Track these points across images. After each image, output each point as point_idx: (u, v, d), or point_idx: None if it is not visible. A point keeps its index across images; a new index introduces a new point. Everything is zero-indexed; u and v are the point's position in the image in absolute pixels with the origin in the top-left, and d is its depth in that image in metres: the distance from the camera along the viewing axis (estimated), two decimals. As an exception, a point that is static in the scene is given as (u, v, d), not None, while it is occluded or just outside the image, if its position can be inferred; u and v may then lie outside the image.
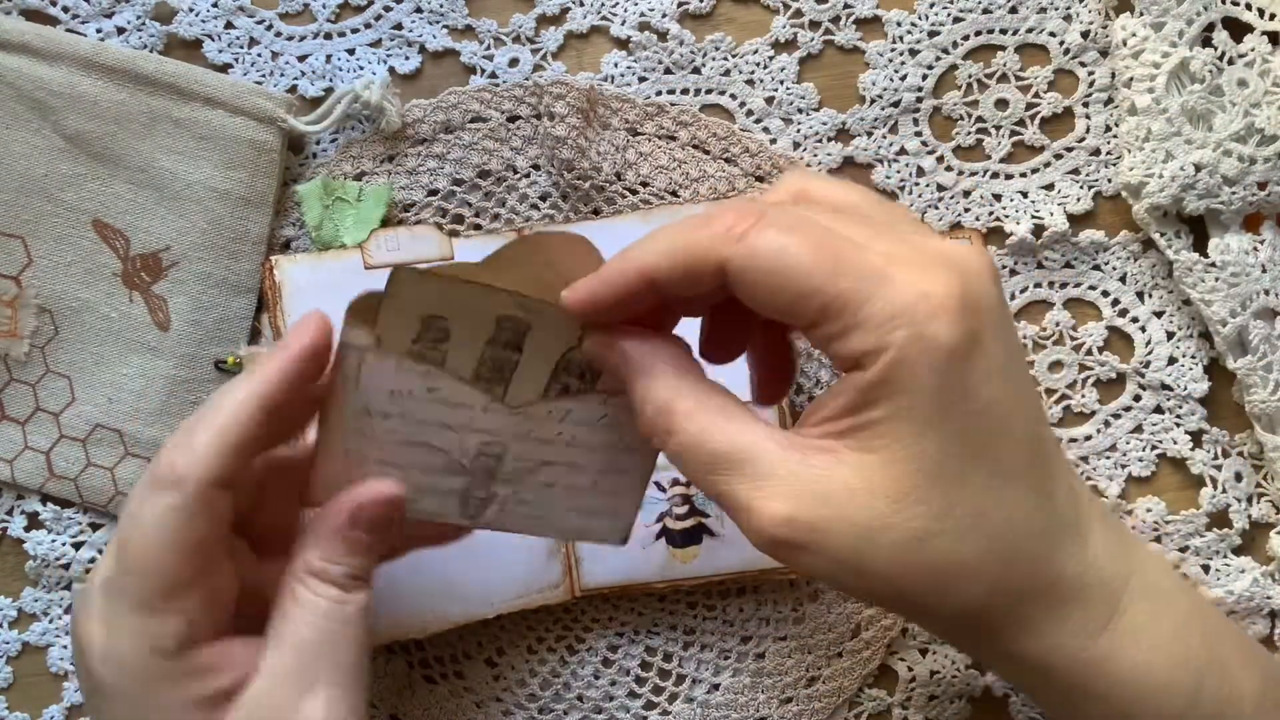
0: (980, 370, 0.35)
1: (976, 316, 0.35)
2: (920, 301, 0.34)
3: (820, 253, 0.35)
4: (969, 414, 0.35)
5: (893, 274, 0.35)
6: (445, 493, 0.42)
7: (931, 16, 0.55)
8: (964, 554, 0.36)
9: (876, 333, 0.34)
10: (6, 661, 0.56)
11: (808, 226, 0.36)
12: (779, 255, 0.35)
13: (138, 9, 0.54)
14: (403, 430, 0.41)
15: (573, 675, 0.56)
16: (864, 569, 0.36)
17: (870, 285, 0.35)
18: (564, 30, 0.56)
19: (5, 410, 0.55)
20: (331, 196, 0.54)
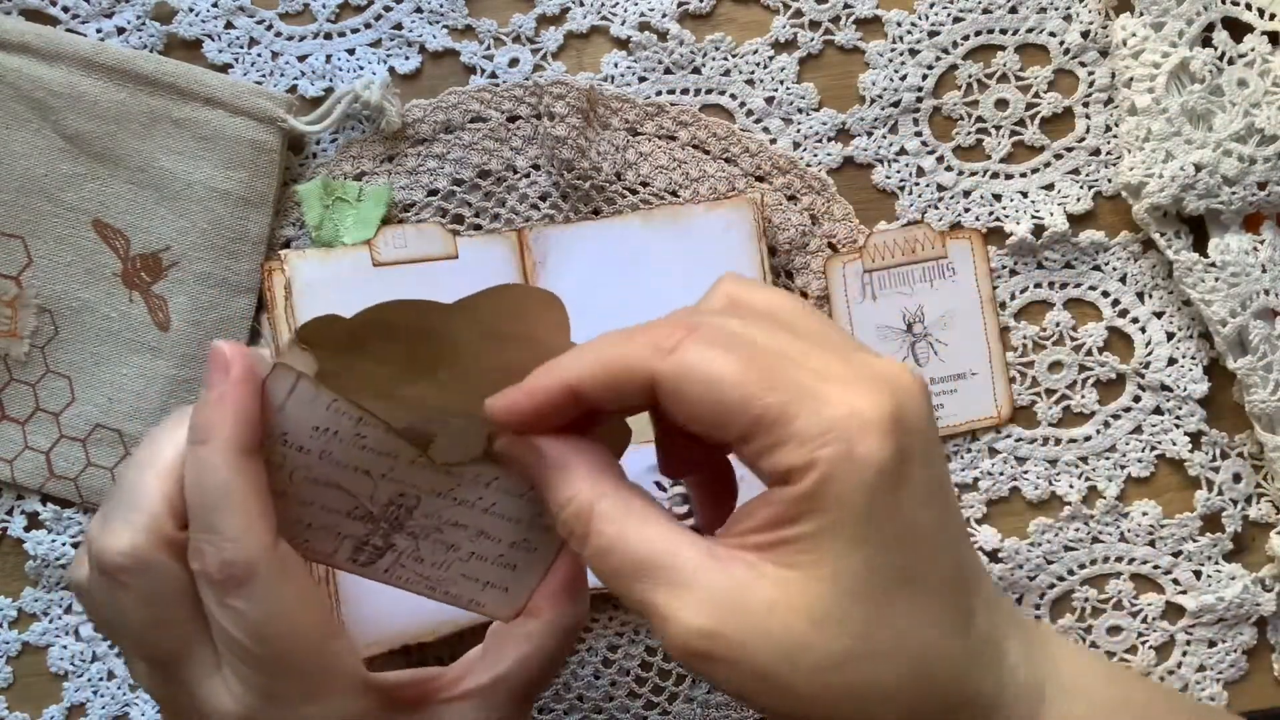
0: (908, 490, 0.34)
1: (907, 435, 0.35)
2: (850, 418, 0.34)
3: (750, 368, 0.35)
4: (895, 535, 0.35)
5: (823, 390, 0.34)
6: (342, 536, 0.40)
7: (931, 16, 0.55)
8: (883, 678, 0.35)
9: (805, 448, 0.34)
10: (6, 661, 0.56)
11: (738, 342, 0.36)
12: (708, 369, 0.35)
13: (138, 9, 0.54)
14: (317, 468, 0.38)
15: (573, 675, 0.56)
16: (782, 688, 0.35)
17: (800, 401, 0.34)
18: (564, 30, 0.56)
19: (5, 410, 0.55)
20: (332, 196, 0.54)
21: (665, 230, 0.54)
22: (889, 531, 0.34)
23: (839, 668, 0.34)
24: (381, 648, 0.52)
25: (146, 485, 0.38)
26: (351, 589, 0.52)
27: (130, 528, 0.37)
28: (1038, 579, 0.56)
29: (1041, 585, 0.56)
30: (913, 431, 0.35)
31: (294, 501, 0.38)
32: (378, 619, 0.52)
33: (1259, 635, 0.55)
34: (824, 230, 0.56)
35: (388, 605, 0.51)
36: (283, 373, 0.37)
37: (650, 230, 0.54)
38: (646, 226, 0.54)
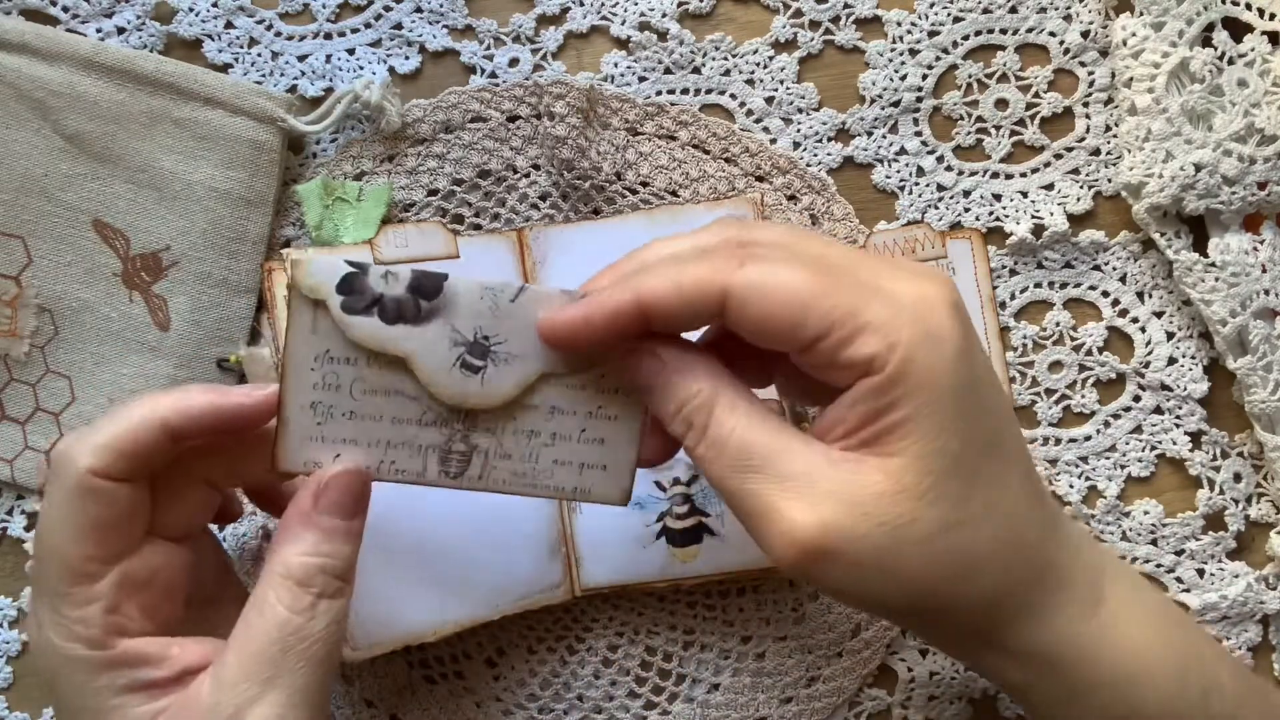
0: (979, 365, 0.37)
1: (966, 316, 0.38)
2: (921, 301, 0.36)
3: (815, 276, 0.36)
4: (979, 408, 0.37)
5: (886, 285, 0.37)
6: (420, 448, 0.41)
7: (931, 16, 0.55)
8: (980, 542, 0.37)
9: (883, 331, 0.36)
10: (6, 661, 0.56)
11: (795, 254, 0.38)
12: (778, 281, 0.36)
13: (138, 9, 0.54)
14: (370, 378, 0.40)
15: (573, 675, 0.56)
16: (891, 569, 0.36)
17: (869, 296, 0.36)
18: (564, 30, 0.56)
19: (5, 410, 0.55)
20: (332, 196, 0.54)
21: (665, 230, 0.54)
22: (972, 403, 0.37)
23: (944, 537, 0.37)
24: (383, 648, 0.51)
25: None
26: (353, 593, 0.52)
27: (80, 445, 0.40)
28: (1038, 579, 0.56)
29: (1042, 585, 0.56)
30: (967, 315, 0.38)
31: (366, 419, 0.40)
32: (379, 621, 0.52)
33: (1263, 633, 0.55)
34: (824, 230, 0.55)
35: (388, 607, 0.52)
36: (300, 303, 0.39)
37: (651, 230, 0.54)
38: (647, 226, 0.54)
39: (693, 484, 0.54)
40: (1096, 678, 0.40)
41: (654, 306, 0.38)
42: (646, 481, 0.54)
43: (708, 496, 0.54)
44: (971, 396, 0.37)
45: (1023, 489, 0.39)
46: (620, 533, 0.54)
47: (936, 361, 0.36)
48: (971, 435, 0.37)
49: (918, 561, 0.37)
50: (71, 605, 0.39)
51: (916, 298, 0.36)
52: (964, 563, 0.37)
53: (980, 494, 0.37)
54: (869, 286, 0.36)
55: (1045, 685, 0.41)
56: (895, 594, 0.37)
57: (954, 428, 0.36)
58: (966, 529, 0.37)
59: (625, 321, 0.38)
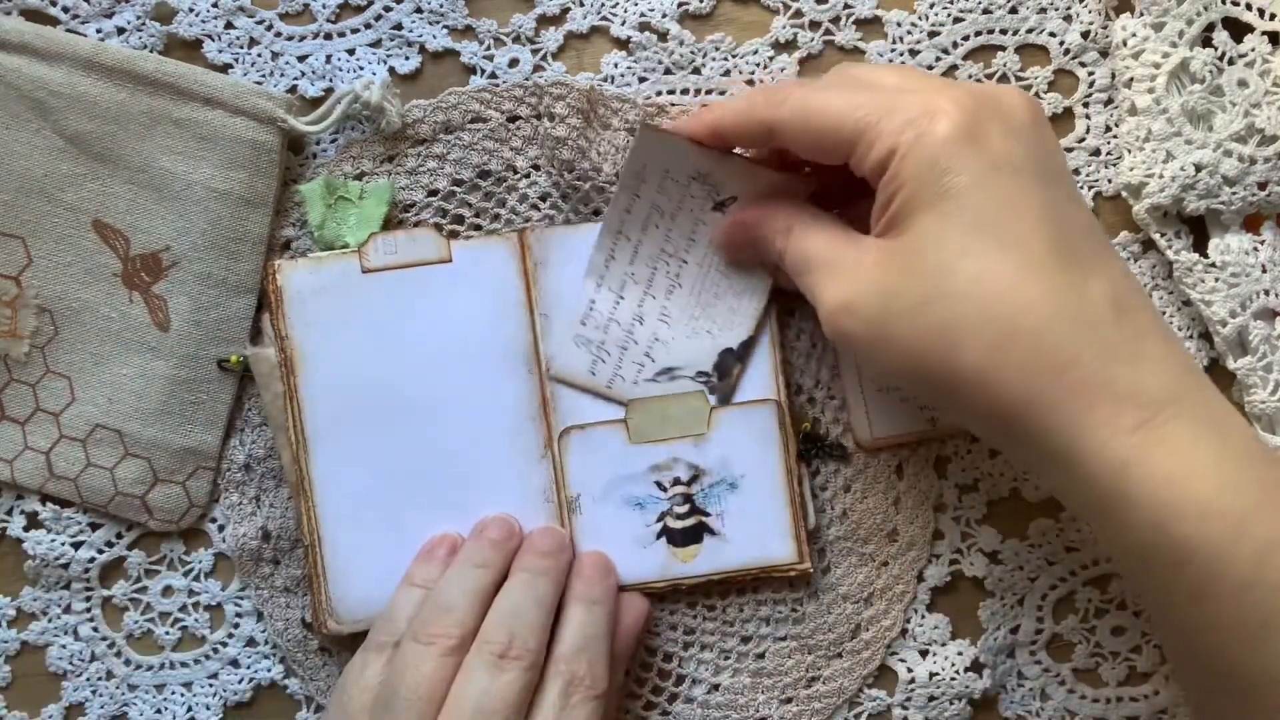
0: (981, 159, 0.41)
1: (980, 119, 0.42)
2: (925, 111, 0.42)
3: (846, 95, 0.44)
4: (966, 194, 0.41)
5: (904, 98, 0.43)
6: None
7: (932, 17, 0.55)
8: (964, 316, 0.40)
9: (892, 138, 0.42)
10: (5, 660, 0.56)
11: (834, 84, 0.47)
12: (807, 104, 0.45)
13: (138, 9, 0.54)
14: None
15: (572, 675, 0.56)
16: (885, 336, 0.42)
17: (888, 108, 0.43)
18: (564, 30, 0.55)
19: (5, 410, 0.55)
20: (334, 195, 0.54)
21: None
22: (961, 190, 0.41)
23: (926, 307, 0.41)
24: (367, 624, 0.52)
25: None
26: (340, 566, 0.53)
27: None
28: (1039, 580, 0.56)
29: (1043, 586, 0.56)
30: (990, 119, 0.42)
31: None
32: (364, 597, 0.53)
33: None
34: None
35: (374, 583, 0.53)
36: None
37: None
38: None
39: (693, 484, 0.54)
40: (1128, 496, 0.39)
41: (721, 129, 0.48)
42: (648, 480, 0.54)
43: (708, 496, 0.54)
44: (960, 182, 0.41)
45: (1034, 279, 0.40)
46: (620, 532, 0.54)
47: (922, 157, 0.41)
48: (957, 218, 0.41)
49: (905, 329, 0.42)
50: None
51: (924, 108, 0.42)
52: (946, 334, 0.41)
53: (964, 272, 0.41)
54: (890, 102, 0.43)
55: (1076, 492, 0.41)
56: (895, 360, 0.43)
57: (935, 211, 0.41)
58: (948, 301, 0.41)
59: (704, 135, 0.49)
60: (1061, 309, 0.40)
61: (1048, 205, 0.42)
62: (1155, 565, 0.40)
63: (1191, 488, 0.39)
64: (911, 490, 0.56)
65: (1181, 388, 0.41)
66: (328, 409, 0.53)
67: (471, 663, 0.47)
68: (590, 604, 0.51)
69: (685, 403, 0.54)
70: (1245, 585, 0.39)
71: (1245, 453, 0.41)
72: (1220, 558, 0.39)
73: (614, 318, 0.53)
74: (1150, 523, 0.39)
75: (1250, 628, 0.39)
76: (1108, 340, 0.40)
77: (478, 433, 0.53)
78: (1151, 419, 0.39)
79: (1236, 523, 0.39)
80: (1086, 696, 0.56)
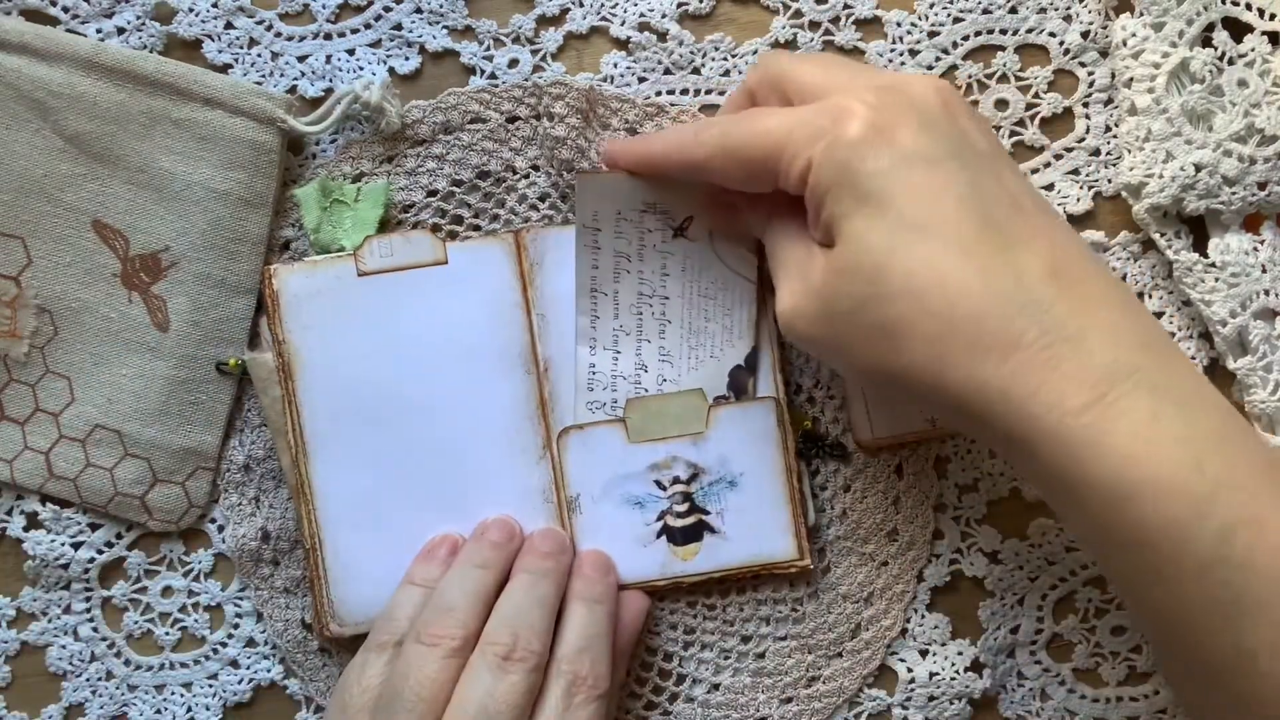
0: (895, 155, 0.41)
1: (888, 115, 0.42)
2: (833, 118, 0.42)
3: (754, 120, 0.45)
4: (886, 193, 0.41)
5: (812, 108, 0.44)
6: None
7: (931, 17, 0.55)
8: (902, 311, 0.41)
9: (805, 152, 0.43)
10: (5, 661, 0.56)
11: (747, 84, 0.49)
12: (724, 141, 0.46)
13: (137, 9, 0.54)
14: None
15: (572, 676, 0.56)
16: (832, 339, 0.44)
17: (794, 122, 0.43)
18: (564, 31, 0.55)
19: (5, 410, 0.55)
20: (329, 199, 0.54)
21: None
22: (880, 191, 0.41)
23: (863, 309, 0.42)
24: (366, 627, 0.53)
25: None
26: (340, 569, 0.53)
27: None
28: (1039, 580, 0.56)
29: (1043, 586, 0.56)
30: (901, 112, 0.42)
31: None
32: (366, 599, 0.54)
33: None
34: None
35: (375, 585, 0.53)
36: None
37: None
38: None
39: (693, 482, 0.54)
40: (1085, 478, 0.39)
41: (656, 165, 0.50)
42: (647, 480, 0.54)
43: (708, 494, 0.54)
44: (883, 186, 0.41)
45: (960, 262, 0.40)
46: (620, 532, 0.54)
47: (836, 163, 0.42)
48: (883, 218, 0.41)
49: (847, 331, 0.43)
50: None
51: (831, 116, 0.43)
52: (889, 333, 0.41)
53: (898, 267, 0.41)
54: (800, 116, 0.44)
55: (1038, 476, 0.41)
56: (849, 361, 0.44)
57: (861, 214, 0.41)
58: (884, 301, 0.41)
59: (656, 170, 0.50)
60: (997, 292, 0.40)
61: (969, 189, 0.41)
62: (1118, 547, 0.40)
63: (1151, 468, 0.38)
64: (911, 490, 0.56)
65: (1137, 359, 0.39)
66: (326, 412, 0.53)
67: (475, 664, 0.47)
68: (591, 603, 0.51)
69: (684, 401, 0.54)
70: (1208, 565, 0.38)
71: (1212, 427, 0.40)
72: (1182, 538, 0.38)
73: (617, 374, 0.54)
74: (1110, 505, 0.39)
75: (1216, 607, 0.38)
76: (1049, 317, 0.39)
77: (476, 434, 0.53)
78: (1104, 395, 0.38)
79: (1199, 501, 0.38)
80: (1086, 696, 0.56)
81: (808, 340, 0.45)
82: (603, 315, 0.53)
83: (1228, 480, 0.38)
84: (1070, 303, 0.40)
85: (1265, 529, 0.38)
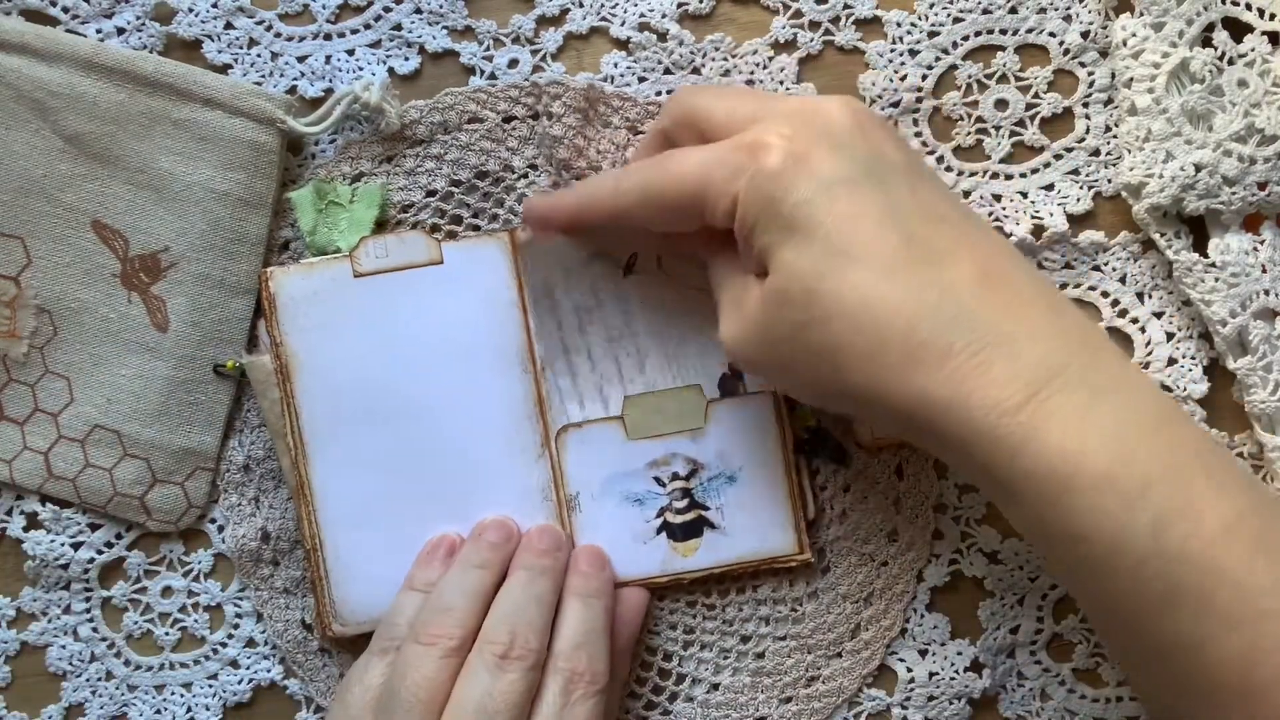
0: (812, 182, 0.42)
1: (803, 143, 0.43)
2: (750, 153, 0.43)
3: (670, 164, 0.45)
4: (809, 220, 0.42)
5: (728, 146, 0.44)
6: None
7: (931, 17, 0.55)
8: (835, 333, 0.41)
9: (729, 189, 0.43)
10: (5, 661, 0.56)
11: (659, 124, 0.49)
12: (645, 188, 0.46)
13: (137, 9, 0.54)
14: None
15: (572, 676, 0.56)
16: (777, 365, 0.45)
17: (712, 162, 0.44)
18: (563, 31, 0.55)
19: (4, 411, 0.55)
20: (325, 201, 0.54)
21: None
22: (806, 219, 0.42)
23: (799, 336, 0.42)
24: (371, 626, 0.53)
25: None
26: (341, 569, 0.54)
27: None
28: (1039, 580, 0.56)
29: (1043, 586, 0.56)
30: (815, 139, 0.43)
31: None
32: (367, 598, 0.54)
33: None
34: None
35: (376, 585, 0.53)
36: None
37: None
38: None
39: (692, 478, 0.54)
40: (1024, 474, 0.39)
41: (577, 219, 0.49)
42: (645, 477, 0.54)
43: (707, 490, 0.54)
44: (803, 213, 0.42)
45: (885, 280, 0.41)
46: (620, 529, 0.54)
47: (761, 198, 0.42)
48: (809, 245, 0.42)
49: (789, 355, 0.43)
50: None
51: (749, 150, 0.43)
52: (827, 356, 0.42)
53: (827, 292, 0.41)
54: (718, 154, 0.44)
55: (978, 477, 0.41)
56: (796, 387, 0.46)
57: (790, 244, 0.42)
58: (818, 326, 0.41)
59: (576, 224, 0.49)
60: (923, 305, 0.40)
61: (888, 208, 0.42)
62: (1057, 542, 0.40)
63: (1085, 461, 0.38)
64: (912, 491, 0.56)
65: (1067, 355, 0.40)
66: (324, 413, 0.53)
67: (473, 663, 0.47)
68: (587, 598, 0.51)
69: (681, 397, 0.54)
70: (1143, 557, 0.38)
71: (1147, 419, 0.40)
72: (1116, 531, 0.38)
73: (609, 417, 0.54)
74: (1046, 500, 0.39)
75: (1153, 599, 0.39)
76: (976, 323, 0.40)
77: (474, 433, 0.54)
78: (1036, 393, 0.39)
79: (1132, 493, 0.38)
80: (1086, 696, 0.56)
81: (754, 366, 0.47)
82: (580, 372, 0.54)
83: (1159, 472, 0.39)
84: (997, 308, 0.41)
85: (1200, 519, 0.38)
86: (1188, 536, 0.38)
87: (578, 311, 0.54)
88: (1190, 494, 0.39)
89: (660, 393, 0.54)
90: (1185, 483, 0.39)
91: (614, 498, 0.54)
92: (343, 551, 0.53)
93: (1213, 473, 0.40)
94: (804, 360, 0.43)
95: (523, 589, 0.50)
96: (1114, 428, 0.39)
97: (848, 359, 0.41)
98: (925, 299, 0.41)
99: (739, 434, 0.54)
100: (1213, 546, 0.38)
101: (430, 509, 0.53)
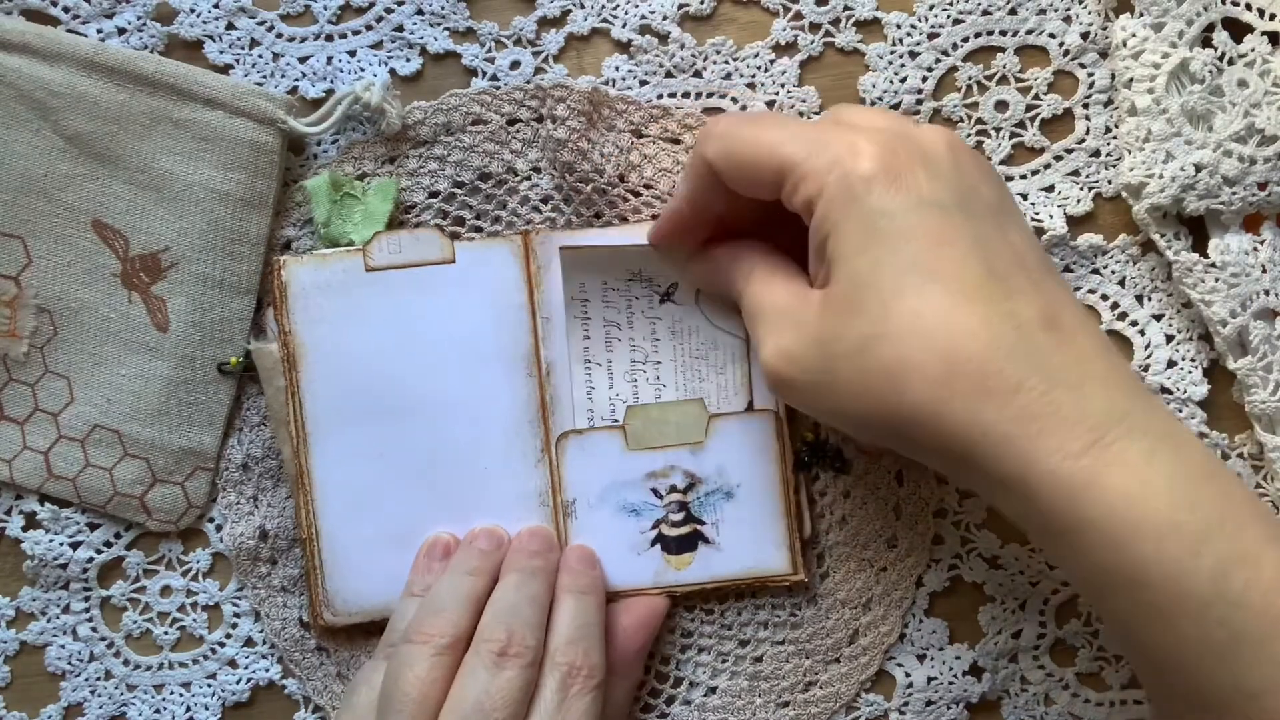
0: (907, 197, 0.42)
1: (901, 158, 0.42)
2: (848, 150, 0.42)
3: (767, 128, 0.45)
4: (895, 234, 0.41)
5: (828, 136, 0.43)
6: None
7: (931, 19, 0.55)
8: (908, 354, 0.40)
9: (817, 178, 0.43)
10: (4, 661, 0.56)
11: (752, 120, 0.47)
12: (732, 137, 0.45)
13: (139, 9, 0.54)
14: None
15: (570, 678, 0.56)
16: (830, 383, 0.43)
17: (813, 145, 0.43)
18: (565, 33, 0.56)
19: (4, 410, 0.55)
20: (339, 192, 0.54)
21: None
22: (889, 232, 0.41)
23: (866, 349, 0.41)
24: (363, 617, 0.54)
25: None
26: (336, 559, 0.54)
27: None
28: (1040, 585, 0.56)
29: (1044, 591, 0.56)
30: (913, 157, 0.43)
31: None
32: (361, 590, 0.54)
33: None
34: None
35: (369, 577, 0.54)
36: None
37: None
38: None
39: (689, 492, 0.54)
40: (1084, 519, 0.39)
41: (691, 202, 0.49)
42: (644, 488, 0.54)
43: (704, 505, 0.54)
44: (888, 224, 0.41)
45: (969, 310, 0.40)
46: (615, 538, 0.54)
47: (848, 198, 0.42)
48: (888, 258, 0.41)
49: (848, 372, 0.42)
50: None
51: (848, 146, 0.42)
52: (890, 373, 0.41)
53: (904, 310, 0.41)
54: (816, 139, 0.43)
55: (1034, 518, 0.41)
56: (840, 404, 0.43)
57: (866, 254, 0.41)
58: (889, 340, 0.41)
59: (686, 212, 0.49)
60: (1001, 337, 0.40)
61: (975, 239, 0.42)
62: (1116, 587, 0.40)
63: (1149, 506, 0.38)
64: (912, 497, 0.55)
65: (1129, 405, 0.40)
66: (328, 404, 0.53)
67: (470, 663, 0.47)
68: (580, 595, 0.51)
69: (684, 410, 0.54)
70: (1206, 603, 0.38)
71: (1201, 468, 0.40)
72: (1179, 576, 0.38)
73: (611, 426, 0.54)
74: (1108, 544, 0.39)
75: (1213, 646, 0.39)
76: (1049, 364, 0.40)
77: (476, 433, 0.54)
78: (1101, 439, 0.39)
79: (1194, 540, 0.38)
80: (1091, 700, 0.56)
81: (797, 385, 0.44)
82: (598, 386, 0.54)
83: (1219, 517, 0.39)
84: (1068, 352, 0.41)
85: (1259, 566, 0.38)
86: (1248, 584, 0.38)
87: (607, 325, 0.54)
88: (1246, 541, 0.39)
89: (663, 404, 0.54)
90: (1241, 530, 0.39)
91: (611, 507, 0.54)
92: (338, 543, 0.53)
93: (1263, 521, 0.40)
94: (859, 379, 0.42)
95: (516, 590, 0.50)
96: (1174, 475, 0.39)
97: (913, 380, 0.40)
98: (1002, 332, 0.40)
99: (739, 450, 0.54)
100: (1271, 594, 0.38)
101: (428, 505, 0.54)
